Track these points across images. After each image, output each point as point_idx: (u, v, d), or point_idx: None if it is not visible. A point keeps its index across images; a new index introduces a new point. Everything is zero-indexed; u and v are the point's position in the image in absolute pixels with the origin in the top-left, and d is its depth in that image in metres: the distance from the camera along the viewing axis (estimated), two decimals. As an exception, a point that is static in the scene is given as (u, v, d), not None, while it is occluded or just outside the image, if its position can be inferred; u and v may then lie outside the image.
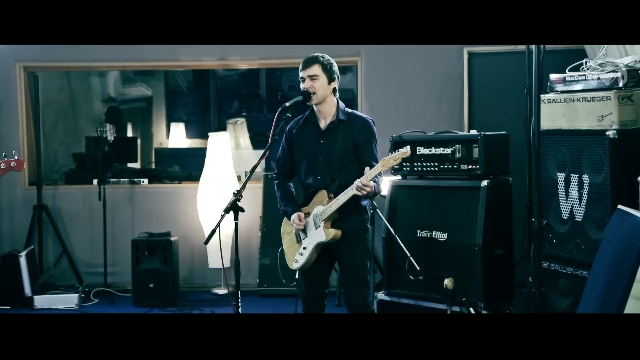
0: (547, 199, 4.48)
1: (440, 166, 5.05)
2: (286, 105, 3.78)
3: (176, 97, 9.66)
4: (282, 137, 4.02)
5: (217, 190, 6.48)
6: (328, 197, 3.88)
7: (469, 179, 4.92)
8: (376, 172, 3.67)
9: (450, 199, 4.97)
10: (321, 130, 3.94)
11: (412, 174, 5.22)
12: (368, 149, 3.89)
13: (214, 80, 9.59)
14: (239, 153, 8.14)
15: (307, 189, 3.99)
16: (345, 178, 3.83)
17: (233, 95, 9.76)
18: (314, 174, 3.92)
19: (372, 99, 6.57)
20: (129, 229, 6.74)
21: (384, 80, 6.57)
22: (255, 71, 9.57)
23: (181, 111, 9.69)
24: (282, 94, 9.51)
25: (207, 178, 6.58)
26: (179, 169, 7.91)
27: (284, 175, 4.11)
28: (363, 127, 3.92)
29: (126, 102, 9.13)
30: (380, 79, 6.58)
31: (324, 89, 3.87)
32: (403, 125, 5.96)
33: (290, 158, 4.05)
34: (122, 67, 7.74)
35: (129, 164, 7.79)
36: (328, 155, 3.88)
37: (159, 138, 9.25)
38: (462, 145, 4.95)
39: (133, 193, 6.85)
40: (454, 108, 6.46)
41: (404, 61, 6.50)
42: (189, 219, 6.71)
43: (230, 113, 9.54)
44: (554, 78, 4.56)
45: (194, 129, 9.54)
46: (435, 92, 6.50)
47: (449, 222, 4.91)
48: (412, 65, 6.49)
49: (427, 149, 5.11)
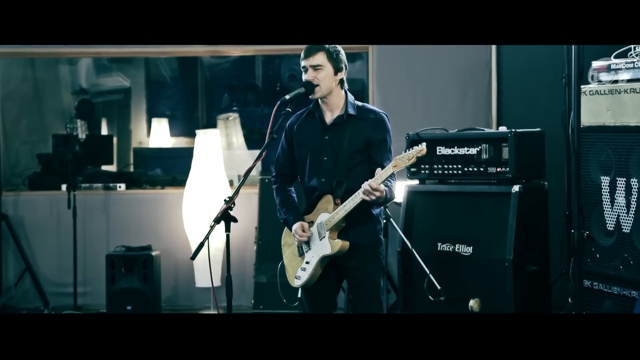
0: (589, 206, 4.50)
1: (464, 169, 5.09)
2: (286, 98, 3.79)
3: (158, 89, 9.65)
4: (281, 134, 4.04)
5: (205, 197, 6.50)
6: (334, 203, 3.89)
7: (498, 183, 4.96)
8: (388, 174, 3.68)
9: (475, 207, 5.00)
10: (326, 125, 3.96)
11: (431, 177, 5.25)
12: (381, 148, 3.91)
13: (202, 70, 9.61)
14: (231, 154, 8.15)
15: (310, 194, 4.00)
16: (353, 181, 3.85)
17: (224, 86, 9.79)
18: (318, 175, 3.94)
19: (385, 90, 6.58)
20: (103, 242, 6.76)
21: (398, 69, 6.58)
22: (249, 59, 9.57)
23: (164, 105, 9.69)
24: (281, 85, 9.51)
25: (195, 183, 6.60)
26: (162, 172, 7.91)
27: (284, 179, 4.13)
28: (376, 122, 3.93)
29: (100, 94, 9.15)
30: (395, 68, 6.58)
31: (330, 81, 3.90)
32: (421, 121, 5.99)
33: (291, 158, 4.07)
34: (95, 54, 7.77)
35: (103, 167, 7.80)
36: (334, 154, 3.90)
37: (139, 136, 9.27)
38: (489, 145, 4.99)
39: (108, 200, 6.88)
40: (480, 101, 6.46)
41: (422, 47, 6.49)
42: (173, 230, 6.73)
43: (220, 107, 9.58)
44: (597, 66, 4.57)
45: (179, 126, 9.55)
46: (459, 82, 6.51)
47: (474, 233, 4.94)
48: (431, 51, 6.51)
49: (449, 148, 5.15)
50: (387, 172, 3.68)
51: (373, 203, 3.79)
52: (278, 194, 4.11)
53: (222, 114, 8.82)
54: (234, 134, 8.60)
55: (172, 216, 6.74)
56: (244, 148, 8.61)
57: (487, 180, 5.00)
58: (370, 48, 6.61)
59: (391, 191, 3.81)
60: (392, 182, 3.80)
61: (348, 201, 3.81)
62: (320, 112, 3.98)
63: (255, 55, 9.29)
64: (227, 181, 6.74)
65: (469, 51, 6.44)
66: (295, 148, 4.04)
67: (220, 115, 8.81)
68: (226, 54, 8.01)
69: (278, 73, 9.71)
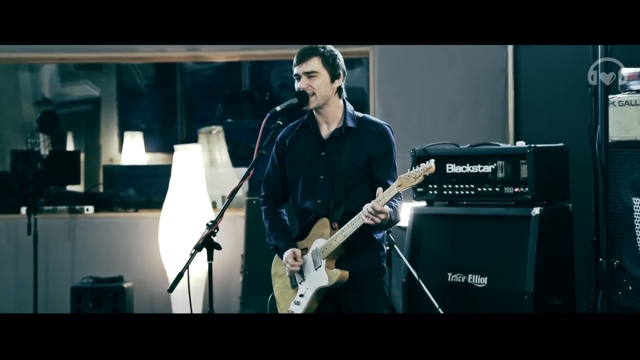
0: (619, 232, 4.50)
1: (477, 189, 5.10)
2: (276, 109, 3.79)
3: (132, 99, 9.67)
4: (271, 149, 4.05)
5: (185, 221, 6.51)
6: (331, 227, 3.88)
7: (516, 205, 4.96)
8: (392, 195, 3.67)
9: (491, 232, 5.01)
10: (322, 139, 3.95)
11: (440, 198, 5.26)
12: (384, 165, 3.91)
13: (182, 77, 9.65)
14: (214, 172, 8.17)
15: (303, 217, 4.00)
16: (353, 202, 3.84)
17: (206, 96, 9.80)
18: (313, 196, 3.94)
19: (388, 100, 6.60)
20: (67, 273, 6.74)
21: (403, 76, 6.60)
22: (235, 65, 9.62)
23: (138, 117, 9.70)
24: (270, 95, 9.54)
25: (173, 205, 6.61)
26: (136, 193, 7.92)
27: (274, 199, 4.13)
28: (378, 136, 3.93)
29: (66, 105, 9.18)
30: (398, 75, 6.61)
31: (326, 89, 3.90)
32: (428, 135, 6.00)
33: (282, 176, 4.06)
34: (60, 60, 7.79)
35: (68, 187, 7.81)
36: (331, 172, 3.91)
37: (109, 152, 9.27)
38: (506, 162, 5.01)
39: (74, 225, 6.88)
40: (495, 113, 6.49)
41: (430, 52, 6.52)
42: (148, 259, 6.72)
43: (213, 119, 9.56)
44: (627, 73, 4.58)
45: (156, 141, 9.56)
46: (471, 91, 6.53)
47: (489, 262, 4.94)
48: (440, 56, 6.52)
49: (460, 166, 5.16)
50: (391, 192, 3.67)
51: (376, 227, 3.78)
52: (267, 216, 4.10)
53: (204, 128, 8.84)
54: (217, 150, 8.61)
55: (146, 243, 6.74)
56: (228, 165, 8.62)
57: (503, 202, 5.00)
58: (371, 52, 6.63)
59: (396, 213, 3.79)
60: (397, 204, 3.79)
61: (347, 225, 3.80)
62: (316, 125, 3.98)
63: (242, 61, 9.34)
64: (210, 203, 6.74)
65: (482, 55, 6.45)
66: (287, 165, 4.03)
67: (202, 128, 8.84)
68: (209, 59, 8.02)
69: (267, 81, 9.74)
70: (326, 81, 3.89)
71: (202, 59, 7.93)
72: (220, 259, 3.86)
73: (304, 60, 3.87)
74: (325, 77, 3.89)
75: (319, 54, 3.87)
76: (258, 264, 6.31)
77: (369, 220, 3.67)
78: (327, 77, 3.90)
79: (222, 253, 3.68)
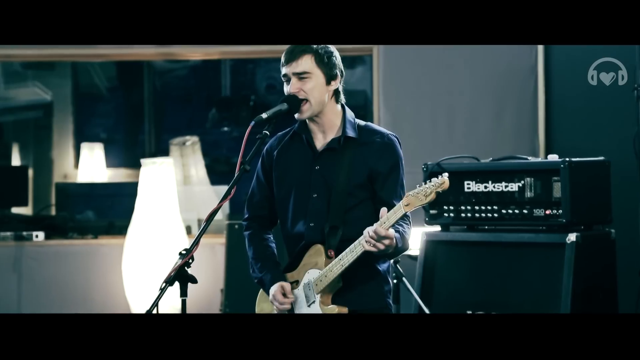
0: (670, 261, 4.51)
1: (501, 211, 5.11)
2: (262, 117, 3.79)
3: (90, 104, 9.67)
4: (257, 164, 4.05)
5: (153, 250, 6.50)
6: (326, 255, 3.87)
7: (548, 230, 4.97)
8: (398, 216, 3.66)
9: (517, 263, 5.01)
10: (317, 151, 3.95)
11: (457, 222, 5.27)
12: (389, 183, 3.91)
13: (150, 78, 9.63)
14: (189, 191, 8.18)
15: (294, 244, 3.99)
16: (352, 226, 3.84)
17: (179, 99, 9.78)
18: (305, 218, 3.95)
19: (395, 105, 6.60)
20: (13, 309, 6.72)
21: (413, 76, 6.60)
22: (214, 64, 9.63)
23: (98, 125, 9.69)
24: (256, 98, 9.50)
25: (139, 230, 6.60)
26: (95, 217, 7.92)
27: (260, 223, 4.13)
28: (383, 148, 3.94)
29: (11, 111, 9.17)
30: (408, 75, 6.61)
31: (321, 93, 3.90)
32: (443, 146, 6.03)
33: (269, 194, 4.06)
34: (4, 58, 7.77)
35: (14, 209, 7.78)
36: (327, 190, 3.91)
37: (63, 167, 9.26)
38: (535, 179, 5.01)
39: (20, 254, 6.87)
40: (522, 121, 6.49)
41: (444, 49, 6.49)
42: (110, 293, 6.71)
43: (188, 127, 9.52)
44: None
45: (119, 153, 9.56)
46: (494, 95, 6.53)
47: (516, 297, 4.94)
48: (457, 53, 6.52)
49: (481, 184, 5.18)
50: (397, 213, 3.66)
51: (379, 255, 3.78)
52: (251, 243, 4.10)
53: (176, 138, 8.83)
54: (192, 164, 8.61)
55: (108, 275, 6.73)
56: (206, 183, 8.63)
57: (532, 227, 5.00)
58: (375, 49, 6.62)
59: (403, 239, 3.77)
60: (404, 228, 3.79)
61: (345, 253, 3.78)
62: (309, 134, 3.98)
63: (222, 60, 9.34)
64: (184, 228, 6.75)
65: (507, 52, 6.44)
66: (275, 181, 4.03)
67: (175, 139, 8.83)
68: (182, 57, 8.05)
69: (252, 83, 9.75)
70: (320, 83, 3.90)
71: (174, 56, 7.96)
72: (195, 294, 3.88)
73: (294, 59, 3.87)
74: (320, 79, 3.90)
75: (312, 52, 3.88)
76: (240, 301, 6.29)
77: (371, 247, 3.65)
78: (322, 79, 3.90)
79: (198, 287, 3.65)
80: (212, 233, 6.43)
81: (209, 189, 8.47)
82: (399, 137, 4.01)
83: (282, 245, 4.09)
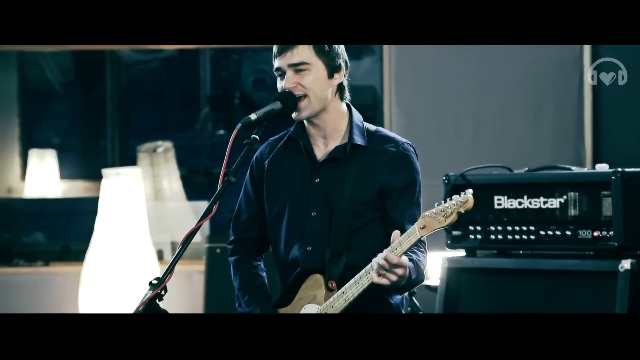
0: None
1: (539, 232, 5.04)
2: (251, 118, 3.81)
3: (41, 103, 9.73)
4: (246, 176, 4.11)
5: (118, 279, 6.52)
6: (327, 287, 3.91)
7: (596, 256, 4.92)
8: (412, 242, 3.70)
9: (560, 295, 4.97)
10: (317, 161, 3.99)
11: (486, 246, 5.23)
12: (403, 201, 3.96)
13: (114, 71, 9.63)
14: (161, 207, 8.26)
15: (288, 272, 4.03)
16: (359, 252, 3.91)
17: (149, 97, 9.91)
18: (302, 241, 3.99)
19: (409, 105, 6.65)
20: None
21: (432, 70, 6.67)
22: (191, 54, 9.75)
23: (50, 128, 9.76)
24: (242, 95, 9.62)
25: (99, 256, 6.63)
26: (46, 239, 8.01)
27: (248, 246, 4.17)
28: (397, 159, 3.98)
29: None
30: (426, 69, 6.68)
31: (322, 88, 3.93)
32: (468, 154, 6.13)
33: (259, 213, 4.11)
34: None
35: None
36: (328, 208, 3.95)
37: (7, 180, 9.19)
38: (581, 193, 4.95)
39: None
40: (564, 123, 6.53)
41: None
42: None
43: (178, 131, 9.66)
44: None
45: (75, 162, 9.60)
46: (530, 93, 6.59)
47: (558, 337, 4.86)
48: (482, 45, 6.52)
49: (515, 199, 5.12)
50: (412, 238, 3.69)
51: (391, 288, 3.77)
52: (238, 271, 4.13)
53: (145, 143, 8.87)
54: (165, 176, 8.67)
55: (62, 310, 6.76)
56: (181, 198, 8.69)
57: (577, 252, 4.96)
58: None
59: (418, 270, 3.83)
60: (419, 256, 3.85)
61: (350, 285, 3.81)
62: (307, 140, 4.01)
63: (200, 49, 9.43)
64: (154, 252, 6.78)
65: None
66: (267, 197, 4.07)
67: (144, 144, 8.86)
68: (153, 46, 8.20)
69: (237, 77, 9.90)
70: (322, 76, 3.93)
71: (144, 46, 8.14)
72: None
73: (289, 48, 3.91)
74: (321, 71, 3.93)
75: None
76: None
77: (380, 277, 3.69)
78: (323, 71, 3.93)
79: (172, 326, 3.72)
80: (189, 258, 6.55)
81: (185, 205, 8.55)
82: (415, 143, 4.09)
83: (274, 274, 4.15)
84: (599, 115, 6.43)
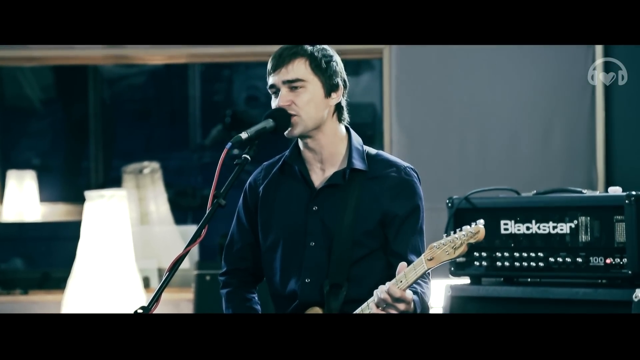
0: None
1: (548, 259, 5.02)
2: (241, 137, 3.80)
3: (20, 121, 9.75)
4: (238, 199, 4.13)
5: (101, 308, 6.46)
6: None
7: (609, 285, 4.89)
8: (419, 274, 3.69)
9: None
10: (314, 188, 3.99)
11: (491, 273, 5.21)
12: (405, 230, 3.98)
13: (97, 87, 9.72)
14: (147, 232, 8.26)
15: (284, 305, 4.04)
16: (360, 284, 3.92)
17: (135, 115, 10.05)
18: (299, 274, 3.99)
19: (411, 123, 6.66)
20: None
21: (434, 86, 6.67)
22: (179, 69, 9.79)
23: (30, 148, 9.78)
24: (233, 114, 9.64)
25: (82, 284, 6.59)
26: (25, 266, 8.03)
27: (241, 278, 4.18)
28: (400, 185, 3.99)
29: None
30: (428, 84, 6.67)
31: (318, 108, 3.94)
32: (473, 175, 6.14)
33: (253, 242, 4.13)
34: None
35: None
36: (327, 238, 3.96)
37: (-16, 202, 9.27)
38: (592, 218, 4.92)
39: None
40: (575, 143, 6.55)
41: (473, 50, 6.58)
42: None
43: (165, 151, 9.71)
44: None
45: (56, 184, 9.62)
46: (538, 112, 6.59)
47: (571, 369, 4.80)
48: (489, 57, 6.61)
49: (522, 224, 5.11)
50: (418, 270, 3.70)
51: None
52: (230, 304, 4.14)
53: (131, 164, 8.87)
54: (151, 198, 8.67)
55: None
56: (169, 222, 8.70)
57: (589, 280, 4.92)
58: (386, 51, 6.72)
59: (423, 303, 3.85)
60: (424, 287, 3.86)
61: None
62: (303, 165, 4.01)
63: (189, 64, 9.49)
64: (140, 279, 6.72)
65: (556, 55, 6.50)
66: (261, 226, 4.08)
67: (129, 165, 8.86)
68: (138, 60, 8.08)
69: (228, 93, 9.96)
70: (318, 95, 3.93)
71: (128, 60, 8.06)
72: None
73: (283, 64, 3.91)
74: (317, 89, 3.93)
75: (306, 55, 3.93)
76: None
77: (382, 311, 3.72)
78: (320, 89, 3.94)
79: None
80: (176, 286, 6.48)
81: (172, 229, 8.57)
82: (417, 163, 4.16)
83: (270, 307, 4.17)
84: (611, 135, 6.44)
